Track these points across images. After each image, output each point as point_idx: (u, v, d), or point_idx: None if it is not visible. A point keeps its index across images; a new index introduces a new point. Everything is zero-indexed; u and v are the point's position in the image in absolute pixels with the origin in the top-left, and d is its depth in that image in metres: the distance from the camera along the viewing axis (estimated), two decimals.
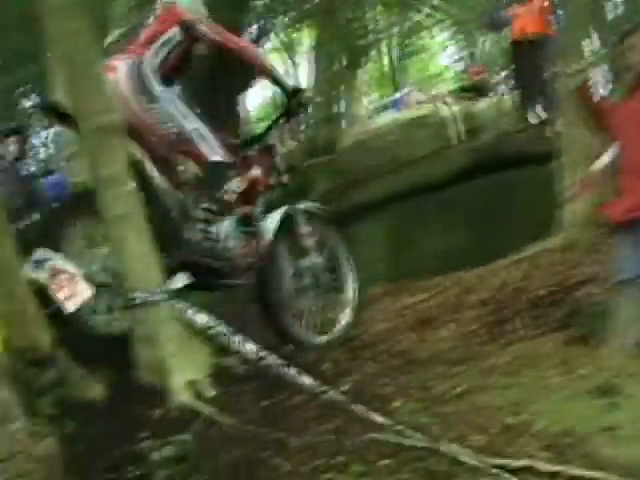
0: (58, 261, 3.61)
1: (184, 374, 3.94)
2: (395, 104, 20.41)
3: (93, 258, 4.27)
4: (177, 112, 4.71)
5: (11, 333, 3.69)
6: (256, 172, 5.06)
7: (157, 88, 4.71)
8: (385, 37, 24.33)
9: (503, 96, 15.51)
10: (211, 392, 3.95)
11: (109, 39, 4.95)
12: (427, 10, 19.18)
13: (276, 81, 5.13)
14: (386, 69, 28.92)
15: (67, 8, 3.80)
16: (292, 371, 3.74)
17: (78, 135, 4.24)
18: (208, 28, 4.94)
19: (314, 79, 12.50)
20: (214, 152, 4.70)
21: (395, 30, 24.42)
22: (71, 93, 3.94)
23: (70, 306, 3.62)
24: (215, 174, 4.76)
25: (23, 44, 11.96)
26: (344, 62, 22.34)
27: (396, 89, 25.05)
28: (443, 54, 30.44)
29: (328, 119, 11.54)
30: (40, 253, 3.59)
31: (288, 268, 5.08)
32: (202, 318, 3.84)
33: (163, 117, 4.67)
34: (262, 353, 3.81)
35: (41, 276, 3.58)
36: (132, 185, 3.95)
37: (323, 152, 11.48)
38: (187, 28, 4.93)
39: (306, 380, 3.72)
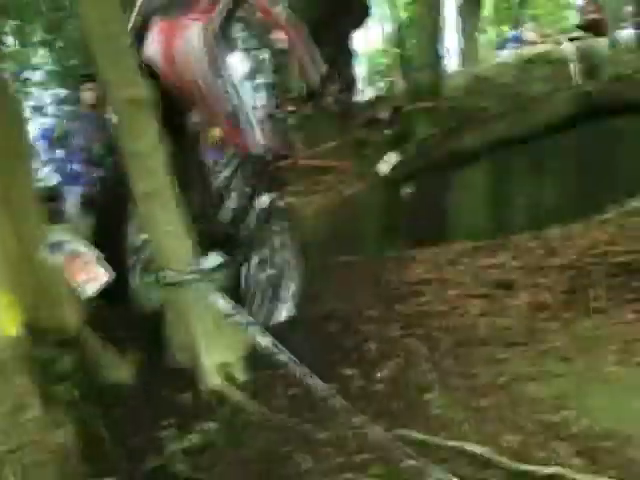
0: (75, 244, 3.49)
1: (216, 356, 3.83)
2: (512, 41, 19.77)
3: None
4: (234, 92, 4.56)
5: (36, 314, 3.61)
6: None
7: (223, 65, 4.58)
8: None
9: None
10: (242, 376, 3.82)
11: None
12: None
13: (301, 67, 4.92)
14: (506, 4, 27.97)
15: None
16: (301, 370, 3.54)
17: None
18: None
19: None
20: (256, 143, 4.56)
21: None
22: (102, 64, 3.80)
23: (88, 290, 3.51)
24: (254, 165, 4.63)
25: None
26: None
27: (515, 25, 24.23)
28: None
29: (432, 61, 10.97)
30: (56, 235, 3.48)
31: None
32: (225, 305, 3.67)
33: (222, 93, 4.54)
34: (276, 349, 3.63)
35: (58, 259, 3.47)
36: (158, 162, 3.79)
37: (426, 97, 10.98)
38: None
39: (315, 382, 3.52)
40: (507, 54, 18.41)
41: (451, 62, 27.13)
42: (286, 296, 5.31)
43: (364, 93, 30.22)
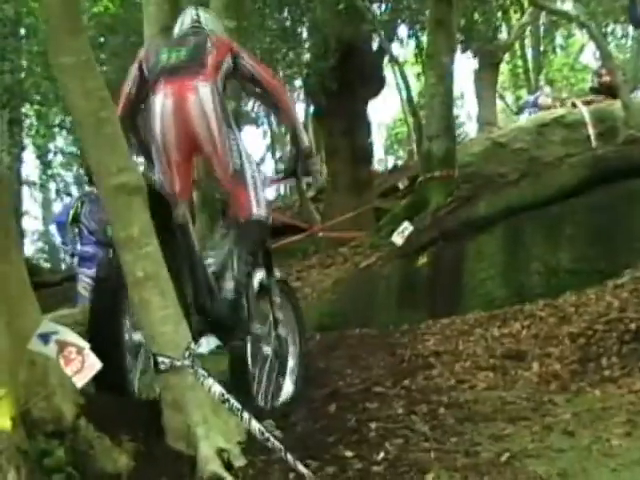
0: (65, 334, 3.49)
1: (213, 442, 3.77)
2: (528, 106, 19.94)
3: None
4: (244, 150, 4.68)
5: (31, 405, 3.60)
6: None
7: (232, 119, 4.70)
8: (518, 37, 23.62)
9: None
10: (240, 462, 3.76)
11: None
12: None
13: (294, 134, 5.03)
14: (521, 69, 28.30)
15: (78, 68, 3.68)
16: (291, 458, 3.50)
17: None
18: (248, 59, 4.92)
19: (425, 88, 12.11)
20: (260, 208, 4.62)
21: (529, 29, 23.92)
22: (88, 152, 3.84)
23: (79, 380, 3.50)
24: (256, 232, 4.66)
25: None
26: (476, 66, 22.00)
27: (531, 90, 24.45)
28: (584, 53, 29.64)
29: (444, 130, 11.05)
30: (45, 326, 3.48)
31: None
32: (218, 389, 3.64)
33: (234, 149, 4.63)
34: (267, 434, 3.60)
35: (49, 350, 3.46)
36: (152, 247, 3.80)
37: (440, 166, 11.04)
38: (235, 57, 4.92)
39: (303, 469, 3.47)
40: (524, 119, 18.62)
41: (471, 128, 27.42)
42: (290, 373, 5.29)
43: (383, 162, 30.49)
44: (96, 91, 3.75)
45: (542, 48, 28.10)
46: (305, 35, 16.98)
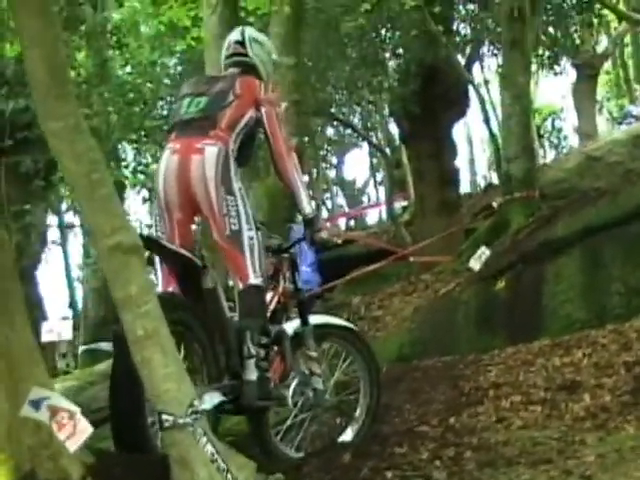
0: (56, 399, 3.53)
1: None
2: (628, 116, 19.47)
3: None
4: (244, 213, 4.61)
5: (36, 468, 3.65)
6: (283, 284, 4.89)
7: (236, 182, 4.65)
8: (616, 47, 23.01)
9: None
10: None
11: None
12: None
13: (295, 198, 4.92)
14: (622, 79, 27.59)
15: (67, 132, 3.73)
16: None
17: None
18: (267, 115, 4.85)
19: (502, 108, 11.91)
20: (256, 273, 4.57)
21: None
22: (87, 214, 3.90)
23: (71, 445, 3.53)
24: (256, 299, 4.62)
25: None
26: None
27: (632, 100, 23.83)
28: None
29: (523, 151, 10.85)
30: (36, 392, 3.53)
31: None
32: (210, 449, 3.63)
33: (232, 212, 4.59)
34: None
35: (42, 415, 3.51)
36: (151, 304, 3.82)
37: (520, 187, 10.84)
38: (258, 109, 4.86)
39: None
40: (623, 130, 18.16)
41: (572, 142, 26.89)
42: (354, 423, 5.24)
43: (486, 179, 30.10)
44: (87, 153, 3.79)
45: None
46: (387, 61, 16.90)
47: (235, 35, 5.29)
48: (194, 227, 4.97)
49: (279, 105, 5.14)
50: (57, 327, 13.28)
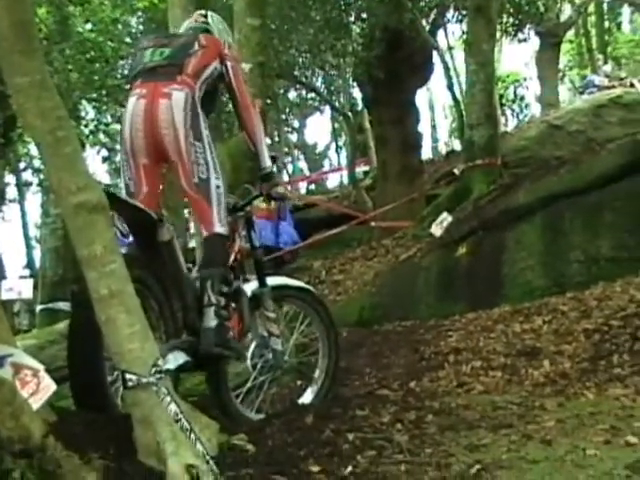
0: (19, 356, 3.50)
1: (182, 458, 3.74)
2: (590, 85, 19.54)
3: None
4: (211, 160, 4.58)
5: None
6: (239, 242, 4.86)
7: (205, 129, 4.61)
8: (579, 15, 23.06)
9: None
10: (210, 477, 3.73)
11: None
12: None
13: (256, 152, 4.89)
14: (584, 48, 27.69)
15: (33, 87, 3.67)
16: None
17: None
18: (232, 69, 4.84)
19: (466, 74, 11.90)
20: (221, 222, 4.55)
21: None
22: (48, 171, 3.85)
23: (35, 402, 3.51)
24: (219, 248, 4.59)
25: None
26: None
27: (594, 69, 23.93)
28: None
29: (486, 118, 10.87)
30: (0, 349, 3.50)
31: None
32: (173, 408, 3.63)
33: (200, 159, 4.55)
34: (209, 456, 3.57)
35: (5, 372, 3.48)
36: (116, 264, 3.78)
37: (482, 154, 10.88)
38: (223, 62, 4.84)
39: None
40: (585, 99, 18.23)
41: (534, 110, 27.00)
42: (313, 384, 5.25)
43: (448, 146, 30.19)
44: (52, 110, 3.74)
45: (606, 25, 27.47)
46: (351, 25, 16.80)
47: (198, 12, 5.38)
48: (162, 172, 4.88)
49: (239, 62, 5.14)
50: (17, 286, 13.17)
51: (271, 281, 5.13)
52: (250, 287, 4.95)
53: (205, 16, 5.28)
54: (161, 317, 4.56)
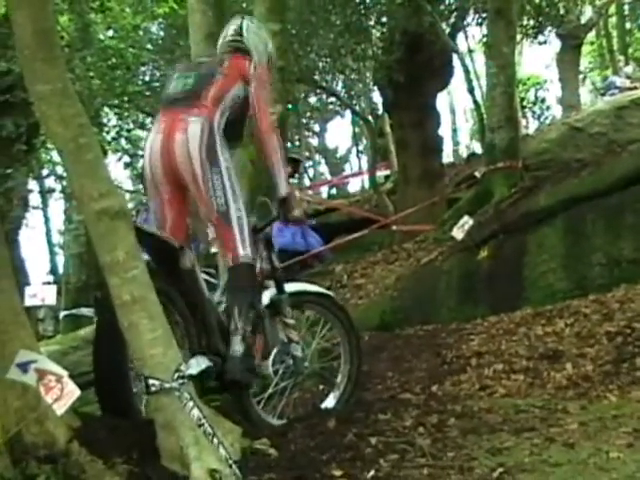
0: (43, 362, 3.54)
1: (205, 463, 3.77)
2: (611, 87, 19.43)
3: None
4: (230, 189, 4.57)
5: (23, 431, 3.66)
6: (261, 265, 4.88)
7: (222, 157, 4.60)
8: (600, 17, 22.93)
9: None
10: None
11: None
12: None
13: (272, 178, 4.87)
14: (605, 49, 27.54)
15: (54, 95, 3.71)
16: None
17: None
18: (255, 91, 4.80)
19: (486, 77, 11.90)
20: (245, 249, 4.55)
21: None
22: (70, 178, 3.89)
23: (59, 408, 3.54)
24: (246, 274, 4.59)
25: None
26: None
27: (615, 71, 23.81)
28: None
29: (506, 121, 10.85)
30: (23, 355, 3.53)
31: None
32: (196, 413, 3.65)
33: (217, 190, 4.54)
34: (231, 461, 3.59)
35: (29, 379, 3.52)
36: (139, 270, 3.82)
37: (503, 157, 10.86)
38: (247, 84, 4.82)
39: None
40: (606, 100, 18.15)
41: (555, 112, 26.91)
42: (335, 389, 5.26)
43: (469, 149, 30.11)
44: (74, 118, 3.78)
45: (627, 26, 27.36)
46: (371, 29, 16.82)
47: (234, 23, 5.23)
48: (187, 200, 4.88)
49: (269, 83, 5.09)
50: (41, 292, 13.21)
51: (290, 287, 5.13)
52: (268, 295, 4.96)
53: (240, 28, 5.17)
54: (187, 334, 4.60)
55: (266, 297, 4.92)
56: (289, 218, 4.97)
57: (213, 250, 6.00)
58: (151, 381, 3.80)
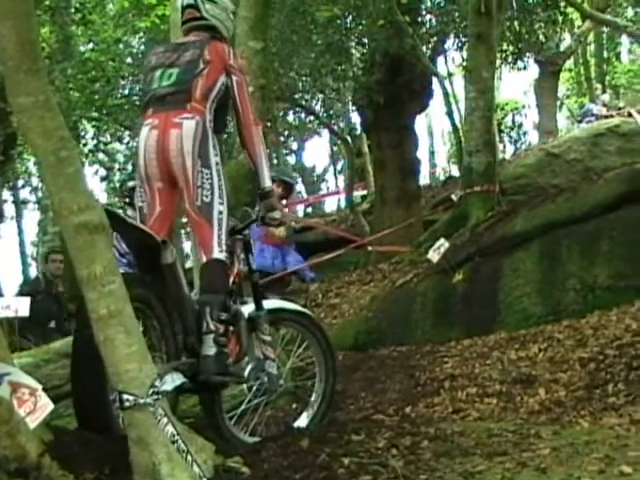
0: (17, 375, 3.52)
1: (178, 479, 3.75)
2: (588, 114, 19.62)
3: None
4: (217, 187, 4.60)
5: None
6: (238, 265, 4.88)
7: (214, 156, 4.63)
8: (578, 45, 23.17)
9: None
10: None
11: None
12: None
13: (256, 171, 4.87)
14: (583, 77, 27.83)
15: (36, 107, 3.70)
16: None
17: None
18: (237, 84, 4.81)
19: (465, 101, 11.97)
20: (220, 247, 4.56)
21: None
22: (49, 191, 3.88)
23: (32, 421, 3.52)
24: (218, 274, 4.59)
25: None
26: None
27: (592, 98, 24.06)
28: None
29: (484, 145, 10.91)
30: None
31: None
32: (170, 429, 3.63)
33: (205, 184, 4.58)
34: (204, 479, 3.58)
35: (2, 391, 3.49)
36: (116, 284, 3.80)
37: (480, 180, 10.92)
38: (229, 76, 4.83)
39: None
40: (583, 128, 18.32)
41: (531, 138, 27.10)
42: (309, 408, 5.24)
43: (446, 172, 30.26)
44: (55, 131, 3.77)
45: (605, 55, 27.65)
46: (352, 50, 16.89)
47: (186, 0, 5.05)
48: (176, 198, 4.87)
49: (246, 73, 5.09)
50: (14, 303, 13.08)
51: (268, 304, 5.12)
52: (246, 310, 4.94)
53: (195, 6, 4.95)
54: (162, 337, 4.58)
55: (245, 312, 4.90)
56: (266, 219, 4.93)
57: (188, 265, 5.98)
58: (125, 396, 3.77)
